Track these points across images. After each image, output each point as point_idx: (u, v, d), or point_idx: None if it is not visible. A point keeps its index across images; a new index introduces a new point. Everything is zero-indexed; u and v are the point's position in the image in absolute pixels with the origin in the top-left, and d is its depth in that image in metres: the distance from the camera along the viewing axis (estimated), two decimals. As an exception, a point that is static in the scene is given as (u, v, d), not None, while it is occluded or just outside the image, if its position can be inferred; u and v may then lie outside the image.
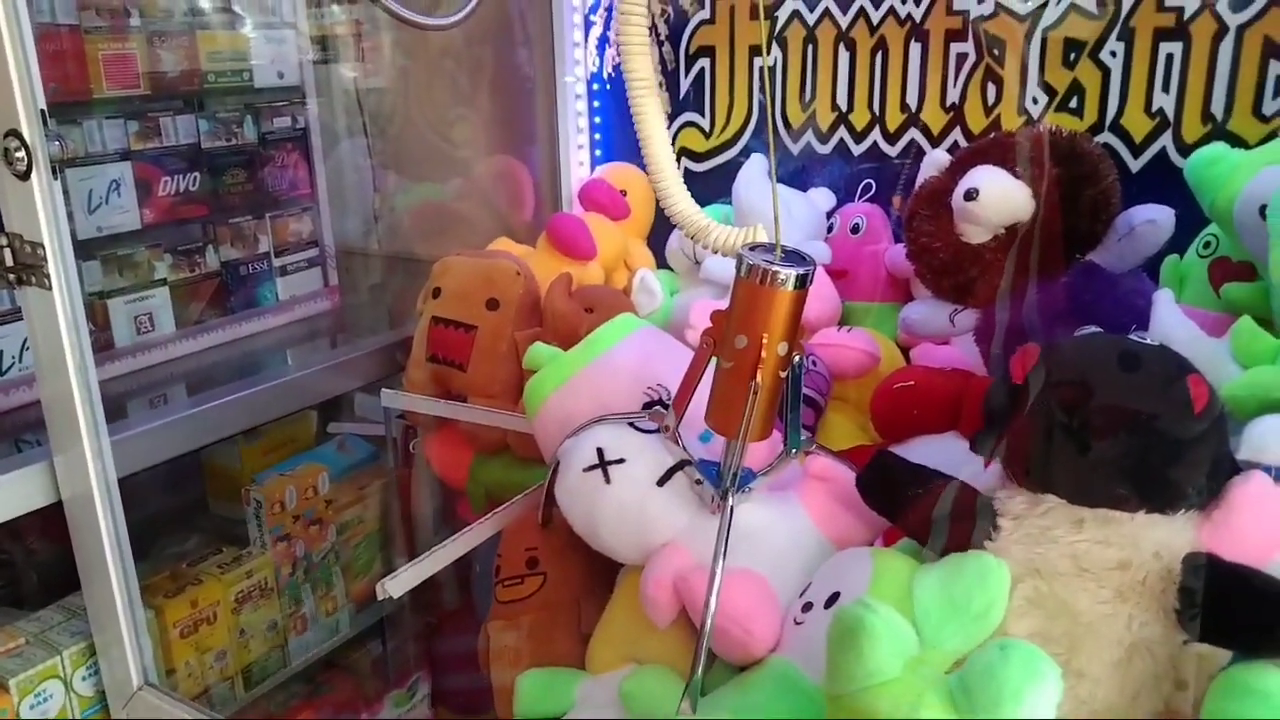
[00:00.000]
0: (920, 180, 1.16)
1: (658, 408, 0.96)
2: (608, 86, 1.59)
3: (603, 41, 1.57)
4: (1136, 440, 0.70)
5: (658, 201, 1.52)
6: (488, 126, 1.74)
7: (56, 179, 0.93)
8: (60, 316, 0.94)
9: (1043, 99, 1.27)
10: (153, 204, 1.32)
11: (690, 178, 1.57)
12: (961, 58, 1.31)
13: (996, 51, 1.29)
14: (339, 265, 1.61)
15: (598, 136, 1.64)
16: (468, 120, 1.74)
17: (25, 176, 0.90)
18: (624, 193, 1.55)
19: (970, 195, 0.99)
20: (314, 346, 1.52)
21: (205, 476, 1.44)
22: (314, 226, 1.56)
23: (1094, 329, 0.83)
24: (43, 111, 0.91)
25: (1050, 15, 1.25)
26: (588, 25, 1.57)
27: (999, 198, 0.98)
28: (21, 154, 0.90)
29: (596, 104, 1.62)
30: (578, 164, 1.64)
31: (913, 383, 1.13)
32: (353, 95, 1.72)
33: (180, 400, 1.26)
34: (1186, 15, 1.17)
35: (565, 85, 1.58)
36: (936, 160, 1.12)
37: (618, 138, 1.62)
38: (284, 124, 1.48)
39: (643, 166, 1.54)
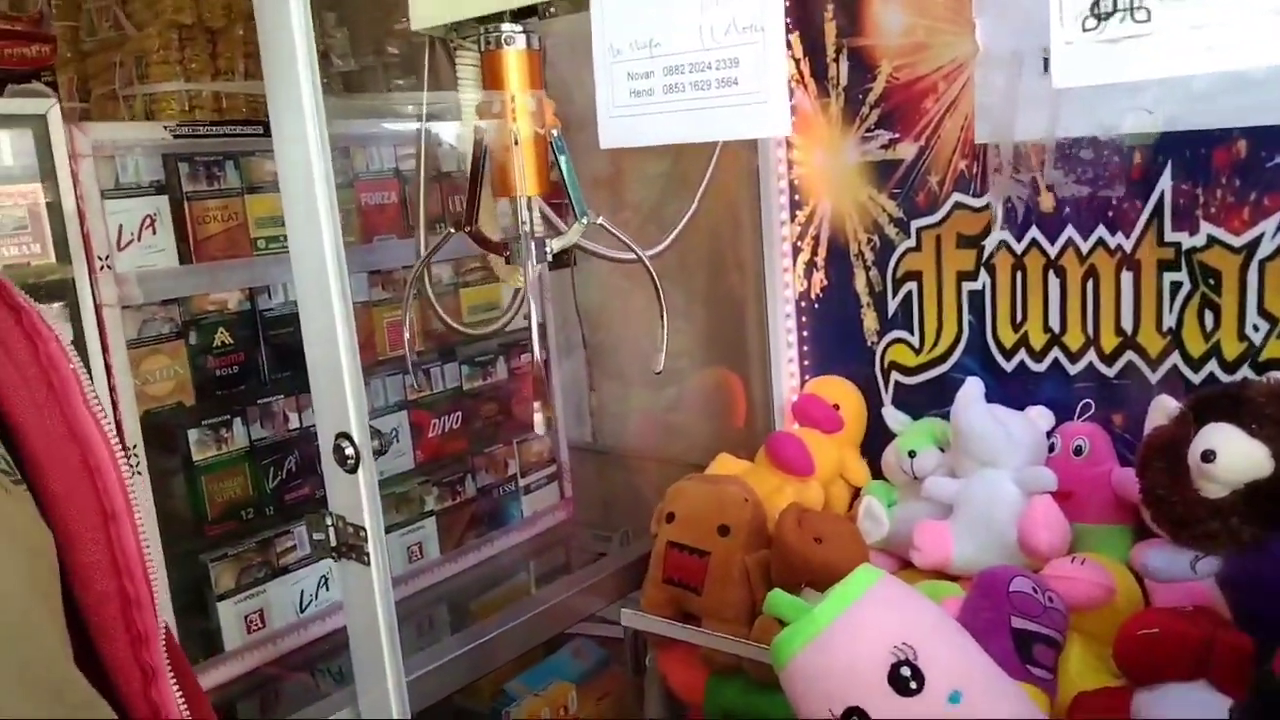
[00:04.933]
0: (1148, 426, 1.19)
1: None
2: (815, 306, 1.69)
3: (810, 267, 1.68)
4: None
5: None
6: (701, 340, 1.88)
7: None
8: (375, 589, 1.08)
9: (1264, 326, 1.29)
10: (423, 445, 1.49)
11: (900, 390, 1.64)
12: (1176, 285, 1.35)
13: (1212, 281, 1.31)
14: (572, 477, 1.75)
15: (806, 348, 1.74)
16: (682, 334, 1.89)
17: (354, 471, 1.06)
18: (836, 406, 1.64)
19: (1208, 457, 1.01)
20: (554, 557, 1.65)
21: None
22: (552, 444, 1.70)
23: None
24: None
25: (1266, 247, 1.27)
26: (795, 251, 1.69)
27: (1237, 459, 1.01)
28: (351, 451, 1.06)
29: (804, 319, 1.72)
30: (789, 376, 1.74)
31: (1156, 630, 1.14)
32: (573, 311, 1.90)
33: (444, 628, 1.40)
34: None
35: (777, 305, 1.69)
36: (1164, 407, 1.15)
37: (826, 352, 1.71)
38: (529, 358, 1.65)
39: (852, 379, 1.66)
